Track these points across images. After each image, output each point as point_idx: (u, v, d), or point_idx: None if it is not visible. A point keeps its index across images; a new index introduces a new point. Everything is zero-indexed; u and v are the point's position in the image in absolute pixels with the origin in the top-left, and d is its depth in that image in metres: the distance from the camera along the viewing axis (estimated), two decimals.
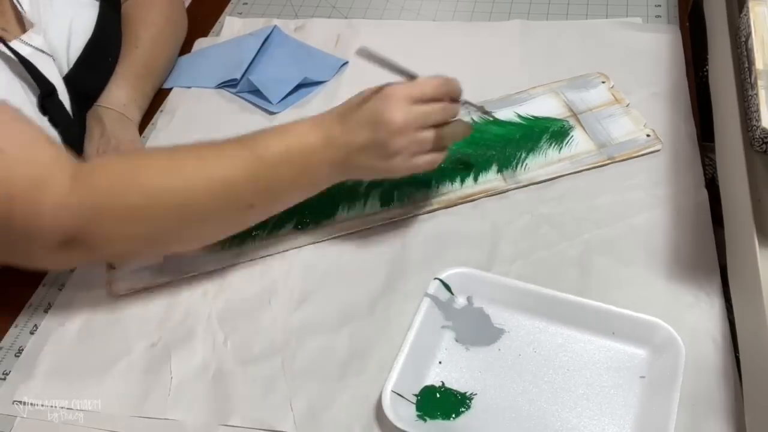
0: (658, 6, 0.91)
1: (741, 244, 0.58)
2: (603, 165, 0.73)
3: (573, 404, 0.56)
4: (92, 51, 0.81)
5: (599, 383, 0.57)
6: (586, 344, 0.59)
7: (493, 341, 0.60)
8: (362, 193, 0.74)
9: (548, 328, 0.60)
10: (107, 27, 0.84)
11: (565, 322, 0.60)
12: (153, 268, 0.70)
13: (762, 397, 0.50)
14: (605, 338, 0.59)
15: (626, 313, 0.58)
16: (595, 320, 0.59)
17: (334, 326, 0.64)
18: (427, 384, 0.58)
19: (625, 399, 0.55)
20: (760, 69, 0.57)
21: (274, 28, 0.96)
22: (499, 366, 0.59)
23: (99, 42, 0.82)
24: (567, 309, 0.60)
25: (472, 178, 0.74)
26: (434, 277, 0.63)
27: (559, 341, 0.60)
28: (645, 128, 0.76)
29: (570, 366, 0.58)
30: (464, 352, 0.60)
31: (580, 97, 0.81)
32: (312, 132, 0.62)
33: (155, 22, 0.90)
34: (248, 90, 0.89)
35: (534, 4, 0.96)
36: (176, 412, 0.60)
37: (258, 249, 0.71)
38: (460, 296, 0.63)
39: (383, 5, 1.00)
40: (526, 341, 0.60)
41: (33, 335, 0.67)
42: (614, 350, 0.58)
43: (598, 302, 0.59)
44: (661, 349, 0.57)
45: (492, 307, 0.62)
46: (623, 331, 0.58)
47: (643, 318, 0.58)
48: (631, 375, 0.57)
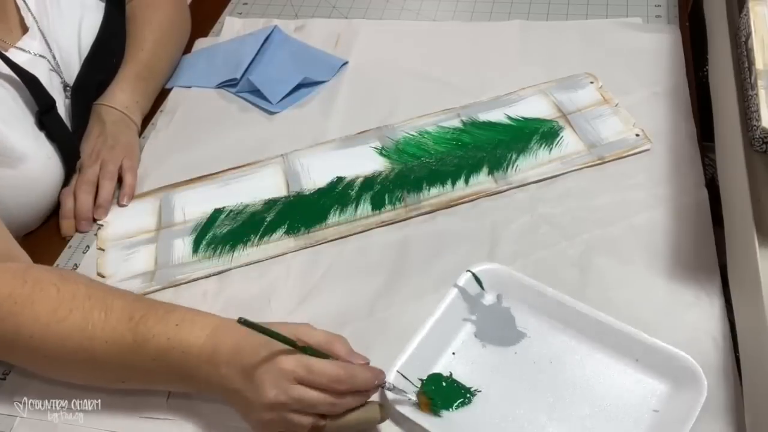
0: (658, 6, 0.91)
1: (741, 244, 0.58)
2: (594, 165, 0.73)
3: (574, 423, 0.54)
4: (97, 52, 0.81)
5: (608, 408, 0.55)
6: (606, 366, 0.57)
7: (512, 344, 0.60)
8: (353, 198, 0.74)
9: (570, 342, 0.59)
10: (112, 28, 0.84)
11: (590, 340, 0.58)
12: (144, 276, 0.70)
13: (762, 397, 0.50)
14: (627, 364, 0.57)
15: (655, 342, 0.56)
16: (621, 343, 0.57)
17: (334, 326, 0.64)
18: (436, 371, 0.58)
19: (631, 430, 0.53)
20: (760, 69, 0.57)
21: (274, 28, 0.96)
22: (510, 369, 0.58)
23: (104, 43, 0.82)
24: (595, 327, 0.58)
25: (464, 180, 0.74)
26: (467, 269, 0.63)
27: (578, 357, 0.58)
28: (634, 128, 0.76)
29: (583, 384, 0.56)
30: (480, 348, 0.60)
31: (569, 97, 0.81)
32: (202, 340, 0.55)
33: (160, 25, 0.90)
34: (248, 90, 0.89)
35: (534, 4, 0.96)
36: (176, 412, 0.60)
37: (250, 255, 0.71)
38: (490, 292, 0.63)
39: (383, 5, 1.00)
40: (545, 351, 0.59)
41: None
42: (633, 378, 0.56)
43: (628, 326, 0.57)
44: (682, 385, 0.54)
45: (519, 309, 0.62)
46: (648, 360, 0.56)
47: (671, 350, 0.55)
48: (644, 406, 0.55)
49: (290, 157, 0.80)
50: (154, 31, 0.89)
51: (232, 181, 0.78)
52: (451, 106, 0.83)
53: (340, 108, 0.86)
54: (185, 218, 0.75)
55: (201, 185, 0.78)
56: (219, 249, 0.71)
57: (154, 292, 0.69)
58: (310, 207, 0.74)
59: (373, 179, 0.75)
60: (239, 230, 0.73)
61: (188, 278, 0.69)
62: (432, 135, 0.79)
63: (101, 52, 0.82)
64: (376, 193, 0.74)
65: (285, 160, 0.80)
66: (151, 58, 0.87)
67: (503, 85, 0.84)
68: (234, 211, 0.75)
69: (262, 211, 0.74)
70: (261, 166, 0.80)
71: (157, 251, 0.72)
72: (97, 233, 0.75)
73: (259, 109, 0.87)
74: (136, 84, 0.85)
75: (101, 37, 0.82)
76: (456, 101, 0.83)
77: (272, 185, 0.77)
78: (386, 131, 0.81)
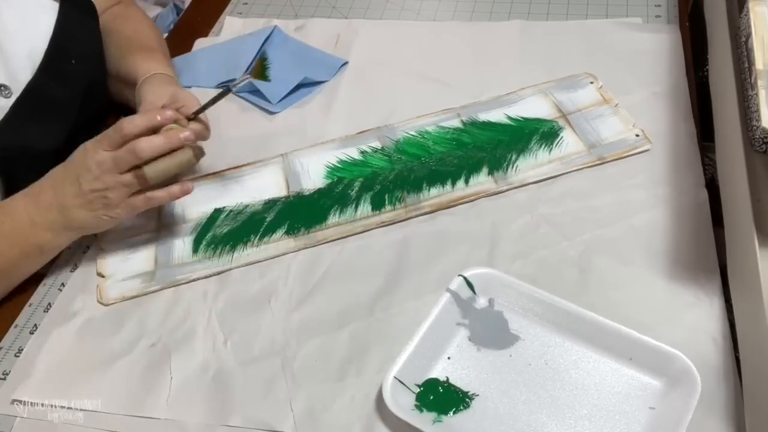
0: (658, 6, 0.91)
1: (741, 244, 0.58)
2: (594, 165, 0.73)
3: (573, 423, 0.55)
4: (53, 56, 0.76)
5: (605, 407, 0.56)
6: (601, 365, 0.58)
7: (506, 346, 0.60)
8: (353, 198, 0.74)
9: (564, 342, 0.60)
10: (69, 29, 0.78)
11: (584, 340, 0.59)
12: (144, 276, 0.70)
13: (762, 397, 0.50)
14: (621, 363, 0.58)
15: (648, 340, 0.57)
16: (614, 343, 0.58)
17: (334, 326, 0.64)
18: (432, 376, 0.58)
19: (629, 427, 0.54)
20: (760, 69, 0.57)
21: (274, 28, 0.96)
22: (506, 372, 0.59)
23: (59, 45, 0.76)
24: (588, 327, 0.59)
25: (464, 180, 0.74)
26: (458, 274, 0.63)
27: (573, 358, 0.59)
28: (634, 128, 0.76)
29: (579, 384, 0.57)
30: (475, 352, 0.60)
31: (569, 97, 0.81)
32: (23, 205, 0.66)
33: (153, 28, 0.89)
34: (248, 90, 0.89)
35: (534, 4, 0.96)
36: (176, 412, 0.60)
37: (250, 255, 0.71)
38: (482, 297, 0.63)
39: (383, 5, 1.00)
40: (540, 352, 0.59)
41: (33, 335, 0.67)
42: (628, 376, 0.57)
43: (620, 325, 0.58)
44: (676, 382, 0.55)
45: (512, 312, 0.62)
46: (641, 359, 0.57)
47: (663, 348, 0.56)
48: (640, 404, 0.55)
49: (290, 157, 0.80)
50: (155, 38, 0.87)
51: (232, 181, 0.78)
52: (451, 106, 0.83)
53: (340, 108, 0.86)
54: (185, 218, 0.75)
55: (201, 185, 0.78)
56: (219, 249, 0.71)
57: (154, 292, 0.69)
58: (310, 207, 0.74)
59: (373, 179, 0.75)
60: (239, 230, 0.73)
61: (188, 278, 0.69)
62: (432, 135, 0.79)
63: (57, 56, 0.76)
64: (376, 193, 0.74)
65: (285, 160, 0.80)
66: (165, 49, 0.86)
67: (503, 85, 0.84)
68: (234, 211, 0.75)
69: (262, 211, 0.74)
70: (261, 166, 0.80)
71: (157, 251, 0.72)
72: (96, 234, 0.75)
73: (259, 109, 0.87)
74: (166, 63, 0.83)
75: (55, 39, 0.76)
76: (456, 101, 0.83)
77: (272, 185, 0.77)
78: (386, 131, 0.81)
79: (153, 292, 0.69)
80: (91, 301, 0.69)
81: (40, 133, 0.75)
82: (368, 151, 0.79)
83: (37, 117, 0.75)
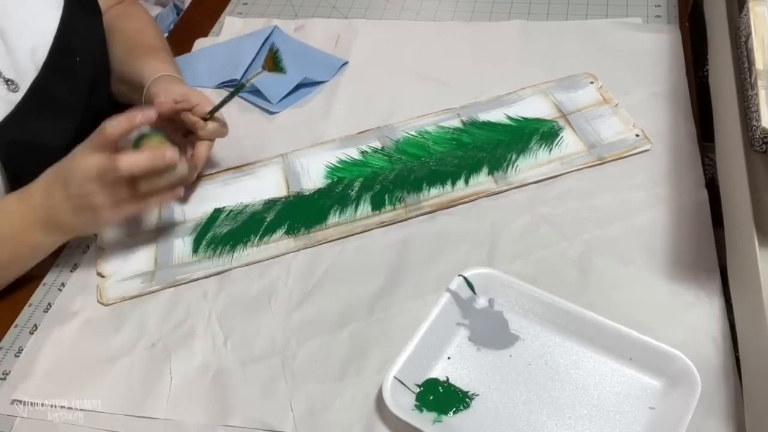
0: (658, 6, 0.91)
1: (741, 244, 0.58)
2: (594, 165, 0.73)
3: (573, 423, 0.55)
4: (59, 52, 0.76)
5: (605, 407, 0.55)
6: (601, 365, 0.58)
7: (506, 346, 0.60)
8: (353, 198, 0.74)
9: (564, 342, 0.60)
10: (73, 26, 0.78)
11: (583, 340, 0.59)
12: (144, 276, 0.70)
13: (762, 397, 0.50)
14: (621, 363, 0.57)
15: (648, 340, 0.56)
16: (614, 343, 0.58)
17: (334, 326, 0.64)
18: (432, 376, 0.58)
19: (629, 427, 0.54)
20: (760, 69, 0.57)
21: (274, 28, 0.96)
22: (506, 372, 0.59)
23: (65, 42, 0.77)
24: (587, 327, 0.59)
25: (464, 180, 0.74)
26: (458, 274, 0.63)
27: (573, 358, 0.59)
28: (634, 128, 0.76)
29: (579, 384, 0.57)
30: (475, 352, 0.60)
31: (569, 97, 0.81)
32: (15, 206, 0.67)
33: (155, 28, 0.89)
34: (248, 90, 0.89)
35: (534, 4, 0.96)
36: (176, 412, 0.60)
37: (250, 255, 0.71)
38: (482, 297, 0.63)
39: (383, 5, 1.00)
40: (540, 352, 0.59)
41: (33, 335, 0.67)
42: (628, 376, 0.57)
43: (620, 325, 0.58)
44: (676, 382, 0.55)
45: (512, 312, 0.62)
46: (641, 359, 0.57)
47: (663, 348, 0.56)
48: (640, 404, 0.55)
49: (290, 157, 0.80)
50: (158, 39, 0.87)
51: (232, 181, 0.78)
52: (451, 106, 0.83)
53: (340, 108, 0.86)
54: (185, 218, 0.75)
55: (201, 185, 0.78)
56: (219, 249, 0.71)
57: (154, 292, 0.69)
58: (310, 207, 0.74)
59: (373, 179, 0.75)
60: (239, 230, 0.73)
61: (188, 278, 0.69)
62: (432, 135, 0.79)
63: (60, 54, 0.76)
64: (376, 193, 0.74)
65: (285, 160, 0.80)
66: (168, 49, 0.86)
67: (503, 85, 0.84)
68: (234, 211, 0.75)
69: (262, 211, 0.74)
70: (261, 166, 0.80)
71: (157, 251, 0.72)
72: (96, 234, 0.75)
73: (259, 109, 0.87)
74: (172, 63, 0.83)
75: (60, 38, 0.76)
76: (456, 101, 0.83)
77: (272, 185, 0.77)
78: (386, 131, 0.81)
79: (153, 292, 0.69)
80: (91, 301, 0.69)
81: (47, 128, 0.75)
82: (368, 151, 0.79)
83: (44, 112, 0.75)
